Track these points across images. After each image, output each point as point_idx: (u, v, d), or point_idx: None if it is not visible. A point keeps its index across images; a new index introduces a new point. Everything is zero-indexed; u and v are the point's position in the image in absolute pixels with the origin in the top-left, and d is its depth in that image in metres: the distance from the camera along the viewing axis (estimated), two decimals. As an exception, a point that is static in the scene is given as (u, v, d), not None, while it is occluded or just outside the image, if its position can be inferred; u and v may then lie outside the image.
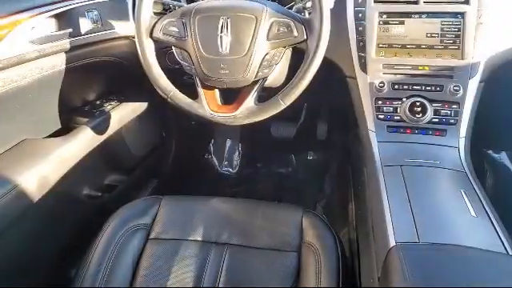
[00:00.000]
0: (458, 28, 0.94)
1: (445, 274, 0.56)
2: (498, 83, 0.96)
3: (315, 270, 0.83)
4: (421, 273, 0.55)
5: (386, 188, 0.77)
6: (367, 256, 0.75)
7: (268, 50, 0.87)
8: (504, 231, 0.66)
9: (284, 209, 0.98)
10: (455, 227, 0.66)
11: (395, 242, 0.63)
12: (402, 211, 0.69)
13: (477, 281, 0.54)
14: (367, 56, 0.97)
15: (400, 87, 0.95)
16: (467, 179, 0.80)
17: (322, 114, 1.82)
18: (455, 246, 0.61)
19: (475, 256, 0.59)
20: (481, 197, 0.73)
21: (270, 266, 0.86)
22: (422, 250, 0.60)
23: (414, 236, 0.63)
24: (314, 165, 1.89)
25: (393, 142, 0.92)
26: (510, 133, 1.58)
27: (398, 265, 0.57)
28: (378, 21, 0.97)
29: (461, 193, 0.74)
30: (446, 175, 0.81)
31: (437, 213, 0.69)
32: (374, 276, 0.66)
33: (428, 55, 0.95)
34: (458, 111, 0.92)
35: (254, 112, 0.91)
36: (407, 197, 0.73)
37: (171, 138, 1.76)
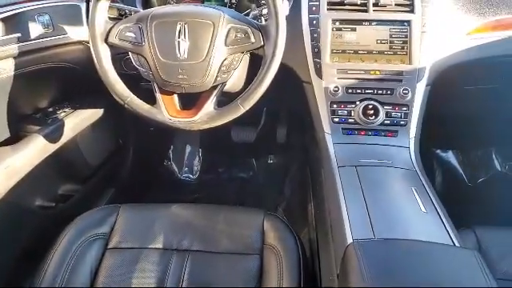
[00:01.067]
0: (405, 35, 1.00)
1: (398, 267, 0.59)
2: (442, 86, 1.03)
3: (277, 271, 0.84)
4: (376, 267, 0.57)
5: (343, 188, 0.80)
6: (326, 254, 0.78)
7: (226, 56, 0.88)
8: (451, 225, 0.70)
9: (245, 212, 0.99)
10: (407, 223, 0.70)
11: (352, 239, 0.65)
12: (358, 209, 0.72)
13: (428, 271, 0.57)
14: (322, 62, 1.01)
15: (353, 91, 0.99)
16: (417, 177, 0.84)
17: (281, 117, 1.85)
18: (407, 241, 0.64)
19: (425, 249, 0.62)
20: (430, 193, 0.78)
21: (233, 269, 0.86)
22: (377, 245, 0.63)
23: (369, 232, 0.66)
24: (274, 168, 1.91)
25: (348, 144, 0.96)
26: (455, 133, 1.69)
27: (355, 261, 0.59)
28: (331, 28, 1.01)
29: (412, 190, 0.78)
30: (398, 174, 0.85)
31: (390, 210, 0.73)
32: (333, 273, 0.68)
33: (379, 60, 1.00)
34: (407, 113, 0.97)
35: (214, 117, 0.91)
36: (362, 195, 0.76)
37: (128, 145, 1.72)
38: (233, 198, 1.81)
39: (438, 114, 1.12)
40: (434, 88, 1.01)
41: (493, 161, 1.77)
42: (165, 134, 1.93)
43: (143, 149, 1.79)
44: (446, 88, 1.06)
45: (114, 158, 1.61)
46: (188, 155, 1.94)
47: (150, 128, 1.80)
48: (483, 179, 1.75)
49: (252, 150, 1.94)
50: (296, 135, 1.80)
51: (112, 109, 1.42)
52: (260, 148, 1.92)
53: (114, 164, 1.62)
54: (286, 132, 1.80)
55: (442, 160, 1.82)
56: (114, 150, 1.62)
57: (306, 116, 1.07)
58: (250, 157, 1.94)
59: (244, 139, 1.86)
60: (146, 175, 1.82)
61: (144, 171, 1.80)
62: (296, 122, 1.76)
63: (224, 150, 1.97)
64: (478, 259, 0.59)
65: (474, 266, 0.58)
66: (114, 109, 1.24)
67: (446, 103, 1.25)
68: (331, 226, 0.77)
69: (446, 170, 1.78)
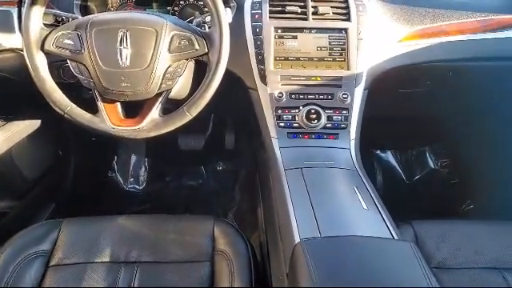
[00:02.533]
0: (343, 42, 1.05)
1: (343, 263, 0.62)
2: (378, 90, 1.09)
3: (228, 276, 0.85)
4: (323, 264, 0.60)
5: (290, 190, 0.82)
6: (276, 255, 0.79)
7: (170, 63, 0.88)
8: (390, 220, 0.75)
9: (195, 220, 0.98)
10: (350, 220, 0.73)
11: (300, 238, 0.67)
12: (305, 210, 0.75)
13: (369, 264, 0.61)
14: (266, 68, 1.03)
15: (297, 97, 1.03)
16: (358, 176, 0.89)
17: (228, 124, 1.86)
18: (351, 237, 0.67)
19: (367, 243, 0.66)
20: (370, 191, 0.83)
21: (184, 278, 0.85)
22: (323, 243, 0.66)
23: (315, 231, 0.69)
24: (223, 174, 1.91)
25: (293, 147, 0.99)
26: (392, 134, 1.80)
27: (302, 259, 0.61)
28: (273, 35, 1.04)
29: (354, 189, 0.82)
30: (341, 174, 0.89)
31: (334, 208, 0.76)
32: (283, 273, 0.70)
33: (319, 67, 1.05)
34: (347, 116, 1.02)
35: (160, 124, 0.90)
36: (308, 196, 0.79)
37: (69, 157, 1.64)
38: (182, 207, 1.78)
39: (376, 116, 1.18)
40: (371, 92, 1.07)
41: (427, 159, 1.90)
42: (108, 143, 1.86)
43: (85, 160, 1.71)
44: (381, 92, 1.13)
45: (54, 170, 1.53)
46: (133, 165, 1.89)
47: (92, 138, 1.73)
48: (419, 176, 1.88)
49: (200, 158, 1.93)
50: (244, 141, 1.82)
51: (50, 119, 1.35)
52: (208, 155, 1.91)
53: (53, 177, 1.54)
54: (234, 138, 1.81)
55: (382, 160, 1.93)
56: (54, 163, 1.54)
57: (252, 121, 1.09)
58: (199, 164, 1.93)
59: (192, 147, 1.84)
60: (89, 188, 1.74)
61: (87, 183, 1.73)
62: (243, 128, 1.78)
63: (171, 159, 1.94)
64: (414, 250, 0.64)
65: (410, 257, 0.62)
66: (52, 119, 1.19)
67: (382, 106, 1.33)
68: (280, 227, 0.78)
69: (386, 169, 1.89)
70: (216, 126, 1.85)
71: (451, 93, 1.45)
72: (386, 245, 0.67)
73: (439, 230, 0.95)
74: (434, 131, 1.82)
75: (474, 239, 0.92)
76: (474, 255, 0.89)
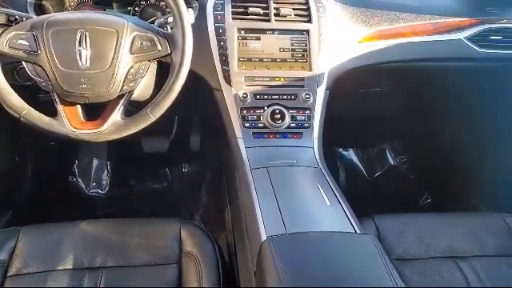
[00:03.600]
0: (305, 43, 1.07)
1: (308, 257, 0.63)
2: (339, 90, 1.13)
3: (196, 277, 0.85)
4: (289, 259, 0.61)
5: (256, 189, 0.83)
6: (243, 255, 0.80)
7: (132, 64, 0.87)
8: (353, 215, 0.78)
9: (161, 223, 0.97)
10: (314, 216, 0.76)
11: (266, 236, 0.69)
12: (270, 208, 0.76)
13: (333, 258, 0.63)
14: (230, 69, 1.04)
15: (261, 97, 1.04)
16: (322, 174, 0.91)
17: (193, 125, 1.85)
18: (315, 233, 0.69)
19: (331, 238, 0.68)
20: (333, 188, 0.85)
21: (151, 281, 0.84)
22: (288, 240, 0.68)
23: (281, 228, 0.70)
24: (189, 176, 1.90)
25: (259, 147, 1.00)
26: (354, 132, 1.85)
27: (269, 256, 0.62)
28: (237, 36, 1.05)
29: (317, 186, 0.84)
30: (305, 172, 0.91)
31: (299, 205, 0.78)
32: (250, 272, 0.71)
33: (282, 68, 1.07)
34: (310, 116, 1.05)
35: (122, 126, 0.88)
36: (274, 194, 0.80)
37: (26, 163, 1.57)
38: (148, 211, 1.75)
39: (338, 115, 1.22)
40: (332, 92, 1.10)
41: (386, 156, 1.98)
42: (68, 147, 1.80)
43: (44, 165, 1.64)
44: (342, 92, 1.16)
45: (10, 177, 1.46)
46: (95, 169, 1.83)
47: (50, 142, 1.67)
48: (379, 173, 1.95)
49: (165, 160, 1.91)
50: (210, 142, 1.82)
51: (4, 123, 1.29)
52: (173, 157, 1.89)
53: (9, 184, 1.47)
54: (199, 139, 1.80)
55: (344, 157, 1.98)
56: (9, 169, 1.47)
57: (218, 122, 1.09)
58: (164, 167, 1.91)
59: (156, 149, 1.81)
60: (49, 194, 1.68)
61: (46, 189, 1.66)
62: (209, 129, 1.78)
63: (135, 162, 1.90)
64: (375, 243, 0.67)
65: (372, 250, 0.65)
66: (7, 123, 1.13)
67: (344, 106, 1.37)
68: (246, 226, 0.79)
69: (348, 167, 1.95)
70: (181, 128, 1.83)
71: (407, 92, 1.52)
72: (348, 239, 0.69)
73: (399, 223, 0.99)
74: (392, 129, 1.90)
75: (431, 231, 0.97)
76: (431, 246, 0.94)
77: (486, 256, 0.93)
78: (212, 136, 1.77)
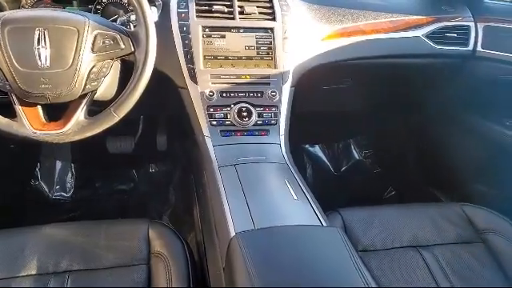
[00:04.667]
0: (269, 41, 1.08)
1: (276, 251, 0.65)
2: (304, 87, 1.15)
3: (166, 277, 0.84)
4: (257, 254, 0.62)
5: (224, 186, 0.83)
6: (213, 252, 0.80)
7: (94, 63, 0.85)
8: (319, 209, 0.80)
9: (128, 224, 0.96)
10: (282, 211, 0.77)
11: (235, 232, 0.69)
12: (239, 204, 0.77)
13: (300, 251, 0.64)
14: (195, 67, 1.03)
15: (227, 95, 1.04)
16: (289, 170, 0.93)
17: (159, 124, 1.82)
18: (284, 227, 0.71)
19: (298, 232, 0.70)
20: (300, 183, 0.87)
21: (119, 283, 0.83)
22: (257, 235, 0.68)
23: (250, 224, 0.71)
24: (156, 177, 1.87)
25: (226, 145, 1.00)
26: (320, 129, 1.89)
27: (238, 251, 0.63)
28: (201, 34, 1.05)
29: (285, 181, 0.86)
30: (272, 168, 0.92)
31: (267, 201, 0.79)
32: (219, 268, 0.71)
33: (248, 65, 1.07)
34: (276, 113, 1.06)
35: (85, 127, 0.86)
36: (242, 191, 0.81)
37: (-16, 167, 1.50)
38: (115, 213, 1.72)
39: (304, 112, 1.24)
40: (297, 89, 1.12)
41: (351, 151, 2.04)
42: (29, 150, 1.73)
43: (3, 169, 1.57)
44: (308, 89, 1.18)
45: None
46: (59, 172, 1.78)
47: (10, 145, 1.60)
48: (345, 168, 2.00)
49: (131, 161, 1.87)
50: (177, 141, 1.80)
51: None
52: (140, 157, 1.86)
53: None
54: (166, 139, 1.78)
55: (311, 153, 2.02)
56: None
57: (184, 121, 1.09)
58: (130, 168, 1.87)
59: (121, 150, 1.78)
60: (10, 198, 1.61)
61: (7, 194, 1.59)
62: (175, 128, 1.76)
63: (100, 163, 1.85)
64: (340, 234, 0.69)
65: (338, 241, 0.67)
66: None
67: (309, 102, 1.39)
68: (215, 224, 0.80)
69: (315, 163, 1.99)
70: (146, 127, 1.80)
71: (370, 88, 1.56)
72: (315, 231, 0.71)
73: (364, 216, 1.02)
74: (357, 125, 1.95)
75: (395, 222, 1.01)
76: (395, 237, 0.97)
77: (446, 244, 0.97)
78: (179, 135, 1.76)
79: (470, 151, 1.48)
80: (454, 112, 1.51)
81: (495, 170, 1.41)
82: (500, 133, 1.29)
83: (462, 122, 1.48)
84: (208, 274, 0.88)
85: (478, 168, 1.47)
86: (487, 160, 1.42)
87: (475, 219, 1.02)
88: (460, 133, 1.50)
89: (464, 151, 1.51)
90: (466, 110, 1.45)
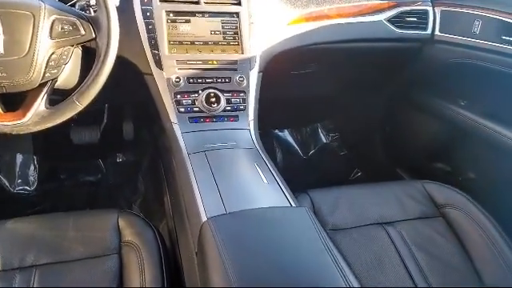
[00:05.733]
0: (235, 26, 1.08)
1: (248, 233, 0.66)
2: (272, 72, 1.15)
3: (138, 266, 0.84)
4: (229, 237, 0.63)
5: (194, 173, 0.83)
6: (184, 238, 0.81)
7: (54, 49, 0.82)
8: (289, 191, 0.81)
9: (97, 214, 0.94)
10: (252, 194, 0.78)
11: (206, 217, 0.70)
12: (210, 190, 0.77)
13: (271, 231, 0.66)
14: (161, 53, 1.01)
15: (195, 81, 1.03)
16: (259, 154, 0.94)
17: (125, 113, 1.78)
18: (255, 209, 0.72)
19: (269, 213, 0.71)
20: (270, 167, 0.88)
21: (90, 275, 0.82)
22: (228, 218, 0.69)
23: (221, 209, 0.72)
24: (124, 166, 1.84)
25: (195, 132, 1.00)
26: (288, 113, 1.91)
27: (210, 236, 0.64)
28: (165, 19, 1.03)
29: (254, 166, 0.87)
30: (242, 153, 0.93)
31: (237, 185, 0.80)
32: (192, 252, 0.72)
33: (215, 51, 1.06)
34: (245, 98, 1.06)
35: (47, 117, 0.83)
36: (213, 177, 0.81)
37: None
38: (82, 205, 1.68)
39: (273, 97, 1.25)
40: (265, 74, 1.12)
41: (319, 134, 2.08)
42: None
43: None
44: (275, 74, 1.19)
45: None
46: (20, 165, 1.70)
47: None
48: (313, 151, 2.05)
49: (97, 151, 1.82)
50: (144, 129, 1.77)
51: None
52: (106, 147, 1.82)
53: None
54: (133, 127, 1.74)
55: (280, 138, 2.04)
56: None
57: (151, 108, 1.07)
58: (96, 158, 1.83)
59: (86, 140, 1.72)
60: None
61: None
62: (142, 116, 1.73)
63: (64, 155, 1.79)
64: (309, 214, 0.71)
65: (306, 220, 0.69)
66: None
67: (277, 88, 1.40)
68: (186, 210, 0.80)
69: (284, 147, 2.01)
70: (112, 116, 1.76)
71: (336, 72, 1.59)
72: (284, 212, 0.73)
73: (332, 196, 1.05)
74: (324, 109, 1.99)
75: (362, 201, 1.05)
76: (362, 215, 1.01)
77: (409, 220, 1.02)
78: (146, 123, 1.73)
79: (429, 131, 1.54)
80: (414, 94, 1.57)
81: (452, 148, 1.48)
82: (456, 112, 1.36)
83: (422, 104, 1.54)
84: (181, 261, 0.89)
85: (437, 147, 1.54)
86: (445, 139, 1.49)
87: (435, 195, 1.08)
88: (420, 114, 1.56)
89: (424, 131, 1.57)
90: (425, 92, 1.50)
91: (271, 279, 0.58)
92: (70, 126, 1.66)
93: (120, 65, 0.87)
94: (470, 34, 1.21)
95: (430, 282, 0.88)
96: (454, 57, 1.28)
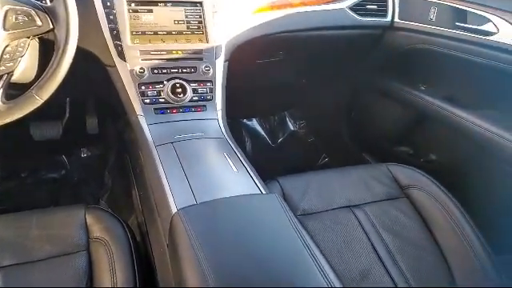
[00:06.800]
0: (199, 15, 1.06)
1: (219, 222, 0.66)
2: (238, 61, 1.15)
3: (108, 262, 0.83)
4: (200, 227, 0.63)
5: (162, 165, 0.82)
6: (155, 231, 0.80)
7: (8, 42, 0.78)
8: (259, 179, 0.82)
9: (63, 211, 0.92)
10: (223, 183, 0.78)
11: (176, 208, 0.69)
12: (179, 181, 0.77)
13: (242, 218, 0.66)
14: (123, 44, 0.99)
15: (159, 71, 1.01)
16: (227, 144, 0.94)
17: (89, 106, 1.72)
18: (226, 198, 0.72)
19: (239, 201, 0.72)
20: (239, 155, 0.88)
21: (58, 274, 0.80)
22: (199, 209, 0.69)
23: (191, 199, 0.72)
24: (90, 161, 1.79)
25: (162, 123, 0.98)
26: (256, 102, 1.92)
27: (181, 228, 0.64)
28: (127, 9, 1.00)
29: (224, 155, 0.87)
30: (211, 143, 0.93)
31: (207, 175, 0.80)
32: (163, 246, 0.71)
33: (179, 40, 1.04)
34: (212, 88, 1.05)
35: (4, 112, 0.80)
36: (182, 168, 0.81)
37: None
38: (46, 203, 1.62)
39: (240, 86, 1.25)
40: (232, 63, 1.12)
41: (287, 123, 2.10)
42: None
43: None
44: (241, 63, 1.19)
45: None
46: (-23, 164, 1.63)
47: None
48: (282, 139, 2.07)
49: (60, 147, 1.76)
50: (108, 123, 1.72)
51: None
52: (69, 143, 1.76)
53: None
54: (96, 121, 1.69)
55: (249, 127, 2.05)
56: None
57: (115, 101, 1.04)
58: (59, 154, 1.76)
59: (48, 136, 1.66)
60: None
61: None
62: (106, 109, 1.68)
63: (25, 152, 1.72)
64: (279, 200, 0.72)
65: (276, 206, 0.70)
66: None
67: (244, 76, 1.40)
68: (156, 202, 0.79)
69: (253, 136, 2.02)
70: (74, 110, 1.69)
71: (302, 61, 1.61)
72: (254, 200, 0.74)
73: (301, 182, 1.07)
74: (290, 97, 2.01)
75: (330, 186, 1.07)
76: (330, 199, 1.04)
77: (375, 202, 1.05)
78: (110, 116, 1.68)
79: (392, 116, 1.59)
80: (377, 80, 1.61)
81: (414, 131, 1.54)
82: (417, 97, 1.41)
83: (385, 89, 1.58)
84: (152, 254, 0.88)
85: (400, 131, 1.59)
86: (408, 123, 1.54)
87: (399, 177, 1.12)
88: (383, 99, 1.61)
89: (388, 116, 1.62)
90: (387, 78, 1.55)
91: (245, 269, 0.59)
92: (30, 121, 1.60)
93: (81, 57, 0.84)
94: (427, 21, 1.25)
95: (397, 259, 0.92)
96: (413, 43, 1.32)
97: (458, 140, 1.32)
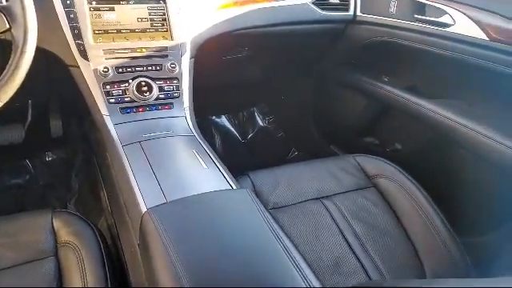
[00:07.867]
0: (163, 12, 1.05)
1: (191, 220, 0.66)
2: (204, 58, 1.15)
3: (78, 267, 0.81)
4: (172, 226, 0.63)
5: (130, 165, 0.81)
6: (125, 232, 0.79)
7: (-39, 43, 0.74)
8: (230, 174, 0.83)
9: (28, 216, 0.89)
10: (193, 181, 0.78)
11: (146, 208, 0.69)
12: (148, 181, 0.76)
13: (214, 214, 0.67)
14: (85, 43, 0.97)
15: (124, 70, 1.00)
16: (196, 141, 0.94)
17: (52, 108, 1.67)
18: (196, 195, 0.72)
19: (210, 198, 0.72)
20: (209, 152, 0.88)
21: (25, 281, 0.77)
22: (170, 207, 0.69)
23: (161, 198, 0.71)
24: (55, 165, 1.73)
25: (128, 122, 0.97)
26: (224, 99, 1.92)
27: (151, 226, 0.63)
28: (88, 8, 0.97)
29: (193, 152, 0.87)
30: (180, 141, 0.92)
31: (177, 173, 0.80)
32: (134, 245, 0.71)
33: (143, 38, 1.03)
34: (178, 85, 1.04)
35: (-40, 117, 0.76)
36: (150, 167, 0.80)
37: None
38: (11, 210, 1.56)
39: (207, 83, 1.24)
40: (198, 60, 1.11)
41: (256, 118, 2.11)
42: None
43: None
44: (208, 59, 1.18)
45: None
46: None
47: None
48: (251, 135, 2.08)
49: (23, 151, 1.70)
50: (73, 124, 1.67)
51: None
52: (33, 146, 1.69)
53: None
54: (61, 123, 1.64)
55: (218, 124, 2.05)
56: None
57: (80, 101, 1.02)
58: (22, 159, 1.70)
59: (9, 140, 1.59)
60: None
61: None
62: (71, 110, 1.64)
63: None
64: (249, 194, 0.72)
65: (247, 201, 0.71)
66: None
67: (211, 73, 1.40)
68: (125, 203, 0.78)
69: (222, 133, 2.02)
70: (37, 113, 1.63)
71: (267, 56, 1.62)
72: (225, 195, 0.74)
73: (272, 176, 1.08)
74: (258, 92, 2.02)
75: (299, 179, 1.09)
76: (300, 191, 1.05)
77: (344, 192, 1.08)
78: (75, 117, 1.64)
79: (357, 108, 1.63)
80: (342, 73, 1.64)
81: (379, 122, 1.58)
82: (380, 88, 1.45)
83: (350, 82, 1.62)
84: (124, 256, 0.87)
85: (365, 122, 1.63)
86: (372, 114, 1.59)
87: (366, 167, 1.15)
88: (348, 92, 1.65)
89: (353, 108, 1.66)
90: (351, 71, 1.59)
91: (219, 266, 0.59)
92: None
93: (41, 57, 0.82)
94: (387, 14, 1.29)
95: (367, 247, 0.95)
96: (375, 36, 1.36)
97: (420, 129, 1.37)
